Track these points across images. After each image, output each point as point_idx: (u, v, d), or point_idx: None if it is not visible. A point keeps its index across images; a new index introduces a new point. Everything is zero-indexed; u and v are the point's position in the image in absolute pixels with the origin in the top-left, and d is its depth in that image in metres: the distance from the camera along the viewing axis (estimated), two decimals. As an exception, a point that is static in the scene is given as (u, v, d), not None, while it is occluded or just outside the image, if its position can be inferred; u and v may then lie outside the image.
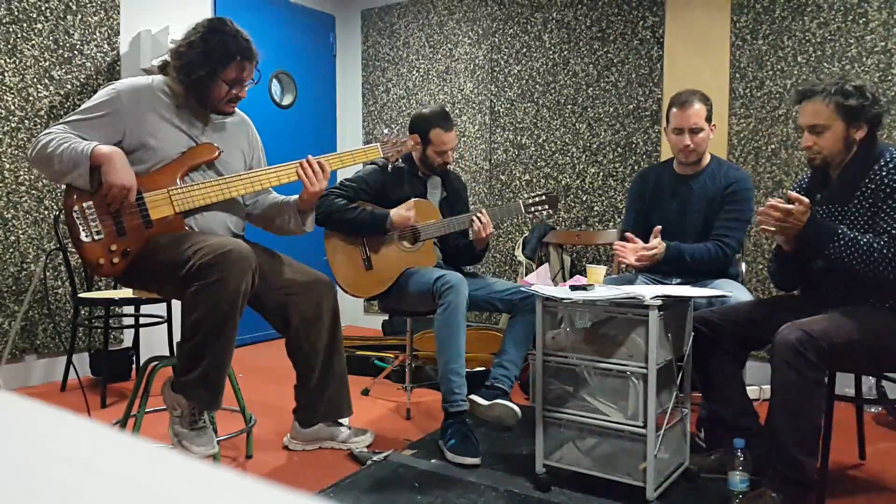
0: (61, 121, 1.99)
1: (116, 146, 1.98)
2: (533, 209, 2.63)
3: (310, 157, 2.15)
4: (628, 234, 2.45)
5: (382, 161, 2.66)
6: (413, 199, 2.66)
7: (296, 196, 2.24)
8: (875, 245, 1.81)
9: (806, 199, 1.88)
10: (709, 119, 2.49)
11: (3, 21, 3.06)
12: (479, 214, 2.58)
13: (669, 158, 2.69)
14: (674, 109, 2.50)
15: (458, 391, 2.36)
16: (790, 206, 1.87)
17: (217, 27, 2.03)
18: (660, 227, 2.41)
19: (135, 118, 2.00)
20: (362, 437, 2.39)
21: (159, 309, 3.33)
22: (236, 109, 2.22)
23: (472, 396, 2.36)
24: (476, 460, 2.23)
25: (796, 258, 2.04)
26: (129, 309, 3.45)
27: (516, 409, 2.28)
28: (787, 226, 1.89)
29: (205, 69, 2.01)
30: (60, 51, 3.27)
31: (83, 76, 3.36)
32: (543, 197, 2.64)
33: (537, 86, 4.04)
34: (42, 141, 1.92)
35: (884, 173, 1.87)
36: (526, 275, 3.55)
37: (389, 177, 2.70)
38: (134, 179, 1.93)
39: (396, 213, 2.58)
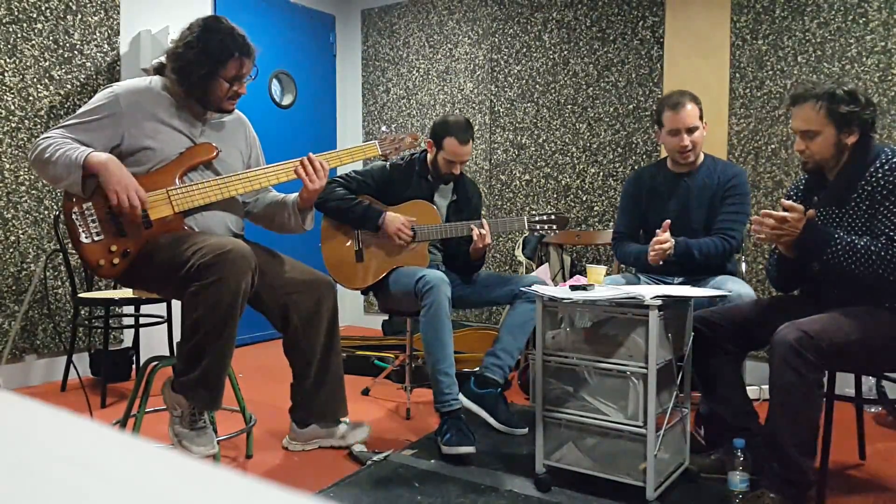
0: (60, 124, 1.99)
1: (115, 148, 1.99)
2: (538, 226, 2.63)
3: (310, 154, 2.16)
4: (659, 231, 2.43)
5: (395, 159, 2.67)
6: (414, 201, 2.66)
7: (296, 194, 2.25)
8: (872, 248, 1.81)
9: (801, 207, 1.88)
10: (701, 117, 2.52)
11: (3, 21, 3.06)
12: (480, 224, 2.57)
13: (662, 158, 2.71)
14: (667, 112, 2.50)
15: (447, 391, 2.36)
16: (785, 214, 1.87)
17: (212, 26, 2.03)
18: (668, 221, 2.41)
19: (133, 121, 2.00)
20: (359, 429, 2.37)
21: (159, 309, 3.33)
22: (234, 109, 2.23)
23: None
24: (471, 449, 2.23)
25: (795, 262, 2.04)
26: (129, 309, 3.45)
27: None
28: (782, 234, 1.89)
29: (205, 69, 2.01)
30: (60, 51, 3.27)
31: (83, 76, 3.36)
32: (552, 217, 2.62)
33: (537, 86, 4.04)
34: (40, 145, 1.92)
35: (880, 175, 1.87)
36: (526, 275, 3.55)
37: (397, 175, 2.70)
38: (135, 181, 1.93)
39: (393, 217, 2.58)
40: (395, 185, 2.70)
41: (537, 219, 2.62)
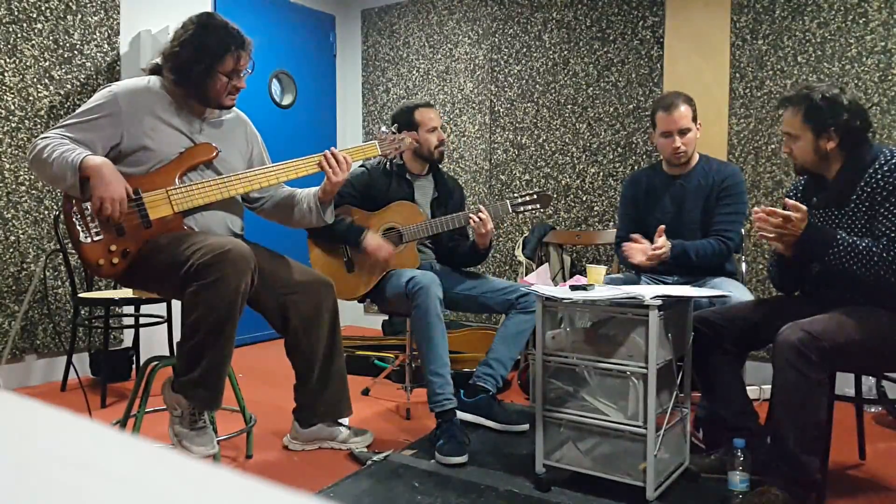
0: (59, 124, 1.99)
1: (115, 148, 1.99)
2: (522, 209, 2.60)
3: (333, 149, 2.21)
4: (633, 236, 2.46)
5: (371, 163, 2.70)
6: (397, 203, 2.66)
7: (315, 188, 2.27)
8: (874, 249, 1.81)
9: (804, 207, 1.88)
10: (694, 119, 2.53)
11: (3, 21, 3.05)
12: (478, 210, 2.57)
13: (658, 161, 2.73)
14: (660, 113, 2.52)
15: (440, 391, 2.36)
16: (789, 213, 1.87)
17: (207, 22, 2.04)
18: (663, 226, 2.42)
19: (132, 120, 2.00)
20: (362, 437, 2.39)
21: (159, 309, 3.33)
22: (234, 108, 2.23)
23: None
24: (461, 459, 2.22)
25: (796, 263, 2.04)
26: (129, 309, 3.45)
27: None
28: (785, 233, 1.89)
29: (202, 65, 2.01)
30: (60, 51, 3.27)
31: (83, 76, 3.36)
32: (534, 196, 2.59)
33: (537, 86, 4.04)
34: (38, 146, 1.92)
35: (879, 176, 1.86)
36: (526, 275, 3.55)
37: (376, 179, 2.71)
38: (123, 191, 1.91)
39: (374, 239, 2.58)
40: (377, 189, 2.70)
41: (520, 200, 2.60)
